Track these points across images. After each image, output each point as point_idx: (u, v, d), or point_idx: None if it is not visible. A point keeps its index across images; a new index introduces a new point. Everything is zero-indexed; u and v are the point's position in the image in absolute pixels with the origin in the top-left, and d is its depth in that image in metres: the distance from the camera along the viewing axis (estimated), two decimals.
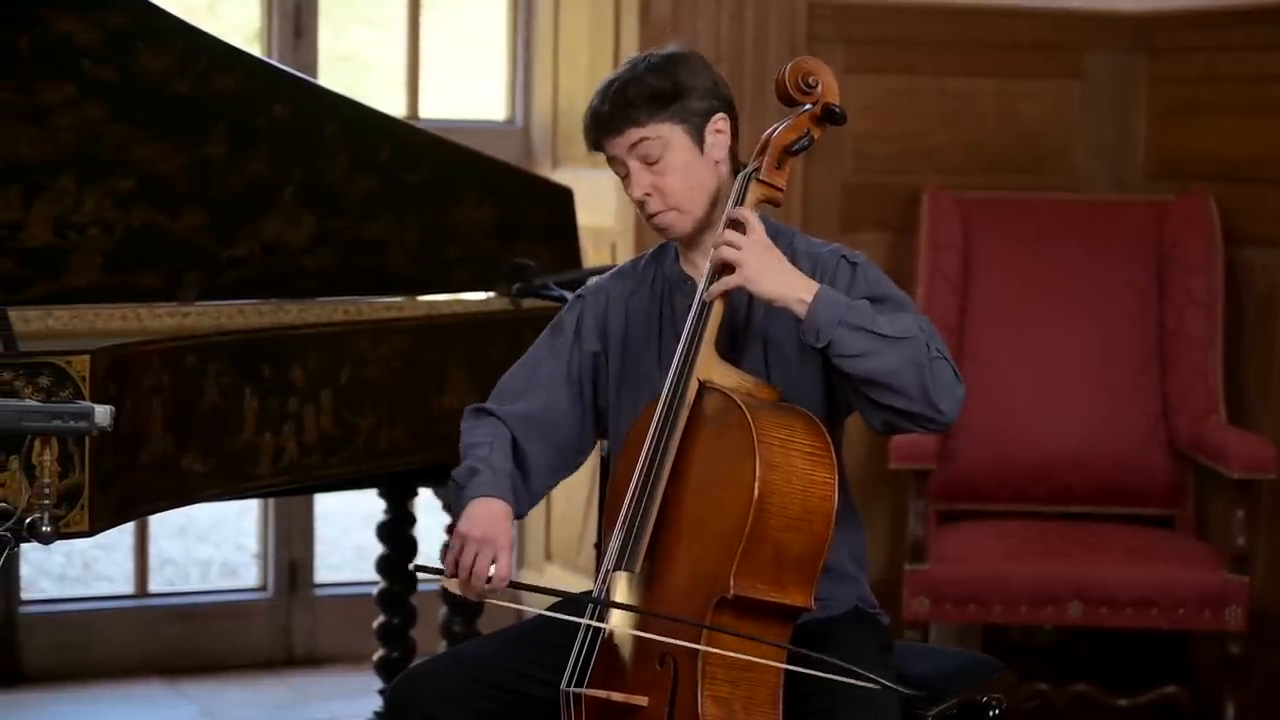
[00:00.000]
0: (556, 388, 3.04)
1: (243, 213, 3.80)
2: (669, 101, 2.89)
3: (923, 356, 2.77)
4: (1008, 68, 5.16)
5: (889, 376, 2.76)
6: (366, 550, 7.16)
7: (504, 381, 3.09)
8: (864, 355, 2.76)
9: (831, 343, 2.76)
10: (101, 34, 3.41)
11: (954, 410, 2.81)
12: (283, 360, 3.48)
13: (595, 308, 3.07)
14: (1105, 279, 4.88)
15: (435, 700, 2.86)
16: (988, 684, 3.10)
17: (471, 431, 3.02)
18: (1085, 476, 4.81)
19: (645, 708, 2.76)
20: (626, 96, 2.88)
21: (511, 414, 3.02)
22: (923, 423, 2.81)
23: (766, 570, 2.74)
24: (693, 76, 2.92)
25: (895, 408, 2.79)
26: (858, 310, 2.79)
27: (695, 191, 2.92)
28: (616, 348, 3.05)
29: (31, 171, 3.49)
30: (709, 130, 2.92)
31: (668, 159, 2.90)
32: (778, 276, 2.81)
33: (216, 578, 6.75)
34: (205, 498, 3.38)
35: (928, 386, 2.77)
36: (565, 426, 3.04)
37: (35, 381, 2.93)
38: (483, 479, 2.91)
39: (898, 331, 2.78)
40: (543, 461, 3.02)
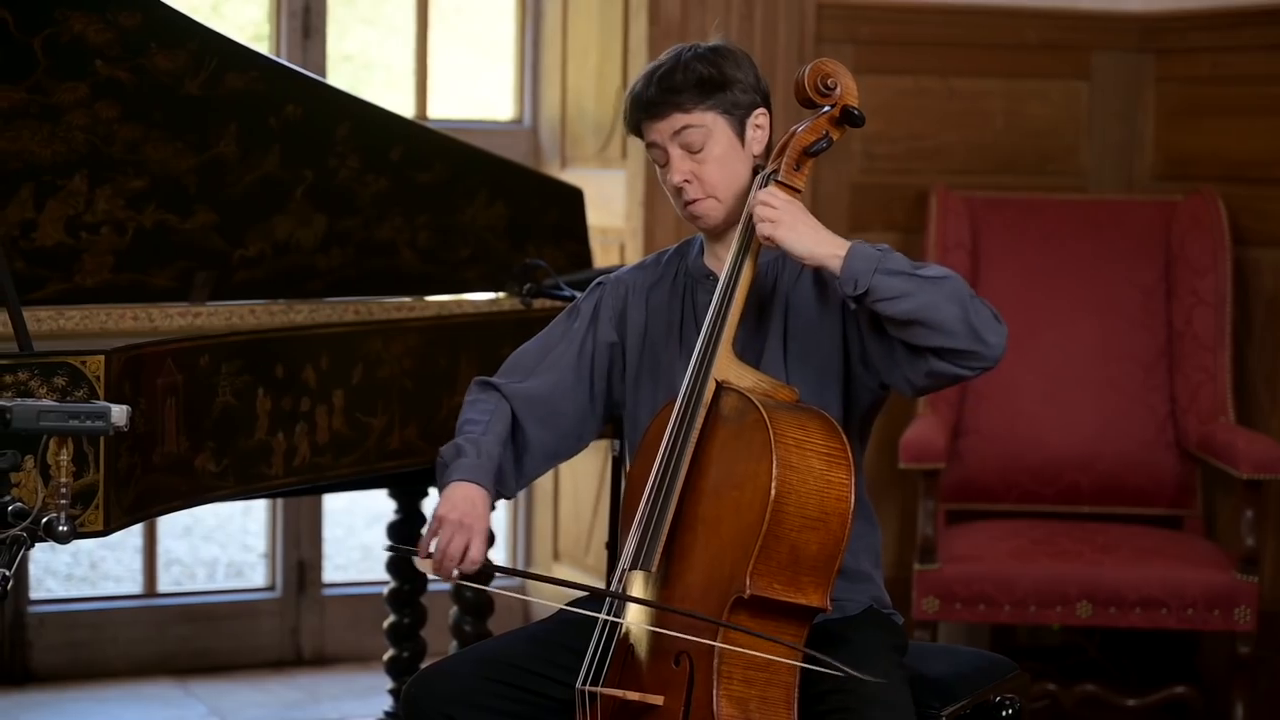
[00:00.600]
0: (566, 371, 3.05)
1: (254, 213, 3.80)
2: (715, 90, 2.90)
3: (964, 291, 2.76)
4: (1015, 68, 5.16)
5: (931, 312, 2.73)
6: (372, 550, 7.19)
7: (514, 358, 3.09)
8: (904, 296, 2.74)
9: (870, 289, 2.75)
10: (115, 34, 3.40)
11: (1000, 343, 2.77)
12: (295, 360, 3.48)
13: (615, 298, 3.08)
14: (1113, 279, 4.88)
15: (451, 699, 2.87)
16: (1001, 684, 3.11)
17: (472, 406, 3.02)
18: (1093, 476, 4.81)
19: (661, 707, 2.77)
20: (673, 82, 2.90)
21: (517, 392, 3.02)
22: (969, 360, 2.76)
23: (783, 571, 2.75)
24: (738, 69, 2.93)
25: (941, 347, 2.75)
26: (893, 257, 2.78)
27: (732, 182, 2.94)
28: (635, 340, 3.06)
29: (44, 171, 3.49)
30: (750, 124, 2.94)
31: (709, 147, 2.91)
32: (811, 234, 2.82)
33: (223, 578, 6.75)
34: (218, 498, 3.38)
35: (971, 320, 2.74)
36: (569, 411, 3.05)
37: (50, 381, 2.93)
38: (467, 461, 2.91)
39: (934, 272, 2.77)
40: (541, 444, 3.03)
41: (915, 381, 2.82)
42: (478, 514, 2.86)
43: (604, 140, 5.05)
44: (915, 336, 2.76)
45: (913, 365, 2.80)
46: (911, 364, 2.80)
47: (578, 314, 3.09)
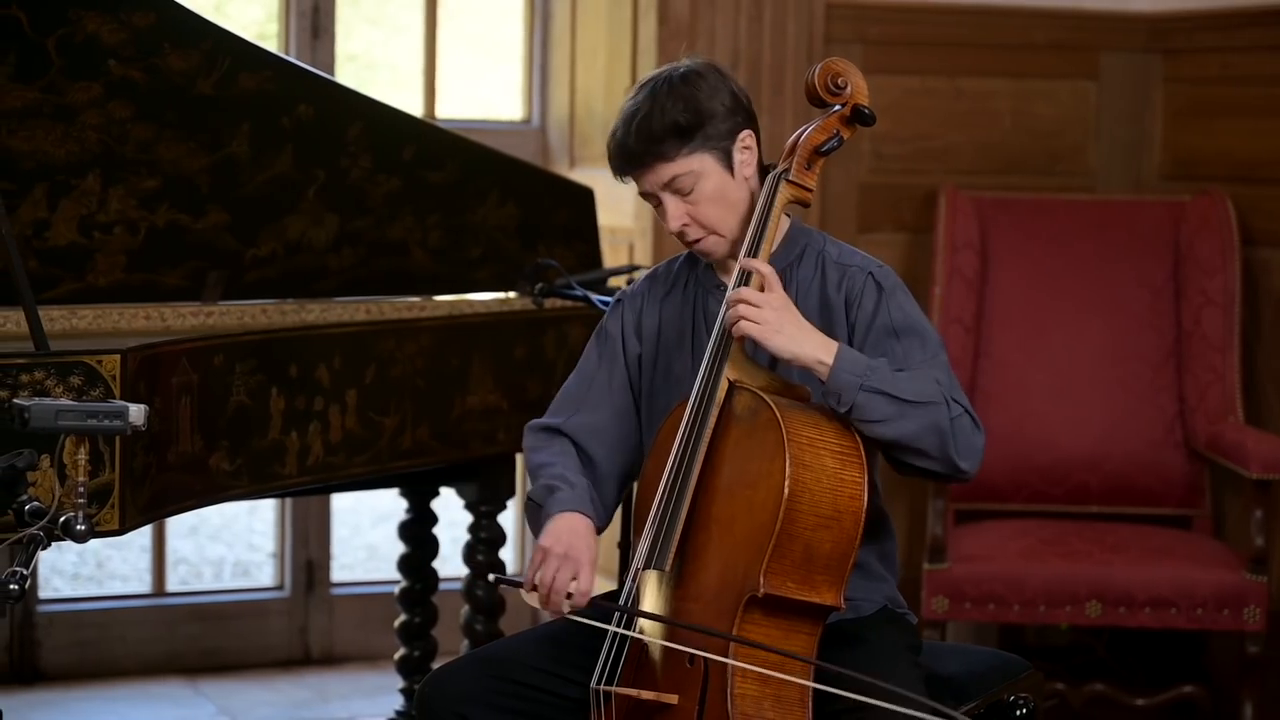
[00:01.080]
0: (615, 393, 3.06)
1: (266, 212, 3.81)
2: (694, 132, 2.89)
3: (943, 419, 2.80)
4: (1023, 68, 5.17)
5: (911, 440, 2.81)
6: (378, 550, 7.19)
7: (561, 395, 3.10)
8: (886, 421, 2.79)
9: (854, 407, 2.78)
10: (129, 34, 3.41)
11: (975, 466, 2.86)
12: (309, 360, 3.49)
13: (633, 310, 3.09)
14: (1122, 279, 4.89)
15: (464, 699, 2.88)
16: (1015, 683, 3.11)
17: (539, 451, 3.03)
18: (1102, 476, 4.81)
19: (675, 706, 2.77)
20: (651, 132, 2.88)
21: (574, 427, 3.04)
22: (944, 479, 2.89)
23: (797, 569, 2.75)
24: (712, 98, 2.91)
25: (917, 466, 2.84)
26: (878, 372, 2.80)
27: (730, 213, 2.94)
28: (650, 347, 3.07)
29: (58, 171, 3.50)
30: (736, 149, 2.93)
31: (701, 187, 2.91)
32: (797, 335, 2.81)
33: (229, 577, 6.75)
34: (232, 497, 3.39)
35: (948, 448, 2.82)
36: (627, 431, 3.07)
37: (66, 381, 2.94)
38: (562, 495, 2.92)
39: (919, 395, 2.80)
40: (610, 467, 3.05)
41: (897, 472, 2.90)
42: (582, 545, 2.86)
43: None
44: (894, 452, 2.83)
45: (893, 463, 2.88)
46: (893, 462, 2.87)
47: (606, 336, 3.11)
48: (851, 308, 2.94)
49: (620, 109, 2.95)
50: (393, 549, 7.16)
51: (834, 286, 2.96)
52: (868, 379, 2.78)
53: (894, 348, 2.89)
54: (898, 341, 2.90)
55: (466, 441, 3.80)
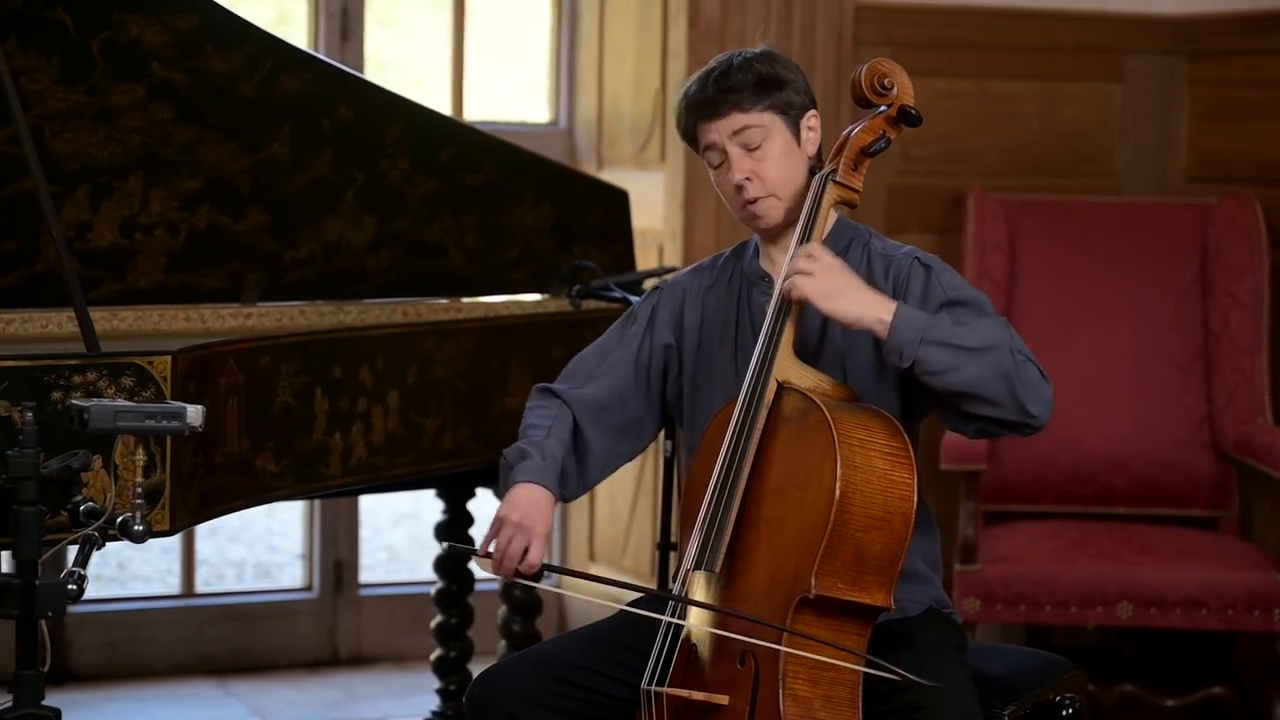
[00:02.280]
0: (624, 375, 3.07)
1: (305, 214, 3.82)
2: (772, 90, 2.94)
3: (1008, 363, 2.79)
4: (1049, 71, 5.18)
5: (978, 387, 2.79)
6: (398, 550, 7.21)
7: (574, 364, 3.12)
8: (950, 370, 2.78)
9: (916, 361, 2.79)
10: (172, 36, 3.42)
11: (1046, 412, 2.83)
12: (352, 361, 3.51)
13: (671, 300, 3.10)
14: (1149, 281, 4.90)
15: (514, 699, 2.89)
16: (1059, 683, 3.13)
17: (534, 411, 3.05)
18: (1129, 478, 4.82)
19: (726, 706, 2.78)
20: (731, 82, 2.93)
21: (577, 397, 3.05)
22: (1015, 428, 2.84)
23: (847, 570, 2.76)
24: (789, 71, 2.98)
25: (987, 416, 2.82)
26: (938, 325, 2.81)
27: (791, 181, 2.96)
28: (691, 342, 3.08)
29: (100, 173, 3.51)
30: (804, 125, 2.97)
31: (768, 146, 2.94)
32: (855, 297, 2.83)
33: (251, 578, 6.76)
34: (277, 498, 3.41)
35: (1017, 392, 2.79)
36: (630, 414, 3.07)
37: (118, 382, 2.94)
38: (531, 464, 2.94)
39: (980, 341, 2.80)
40: (602, 447, 3.06)
41: (966, 434, 2.89)
42: (539, 516, 2.89)
43: (642, 142, 5.07)
44: (962, 404, 2.82)
45: (962, 423, 2.87)
46: (962, 422, 2.87)
47: (634, 318, 3.12)
48: (900, 292, 2.94)
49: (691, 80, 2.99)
50: (411, 550, 7.26)
51: (880, 275, 2.98)
52: (928, 333, 2.79)
53: (951, 317, 2.88)
54: (952, 312, 2.89)
55: (505, 442, 3.75)
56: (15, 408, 2.84)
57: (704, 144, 2.99)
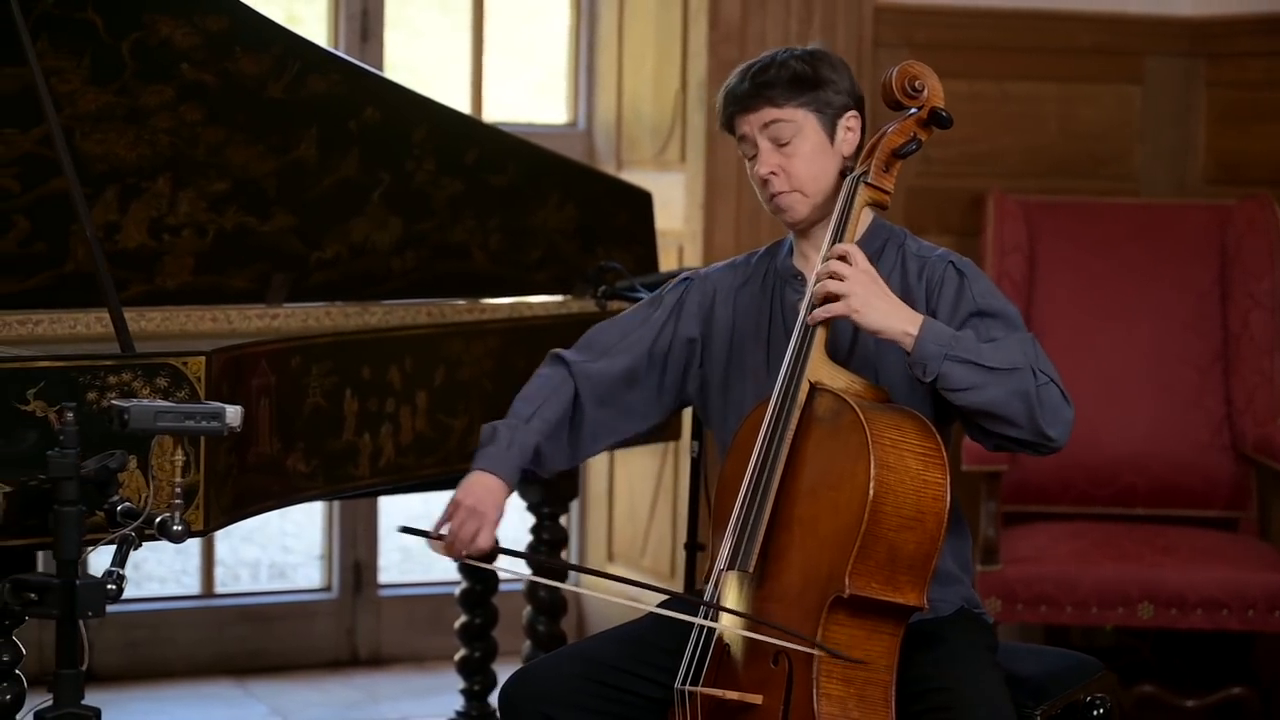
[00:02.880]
0: (639, 356, 3.09)
1: (332, 215, 3.83)
2: (808, 88, 2.95)
3: (1029, 385, 2.82)
4: (1068, 73, 5.19)
5: (998, 408, 2.82)
6: (411, 552, 7.21)
7: (591, 334, 3.13)
8: (972, 389, 2.81)
9: (939, 376, 2.81)
10: (201, 38, 3.43)
11: (1064, 435, 2.87)
12: (381, 362, 3.52)
13: (701, 294, 3.11)
14: (1168, 282, 4.91)
15: (548, 699, 2.89)
16: (1090, 683, 3.14)
17: (535, 379, 3.08)
18: (1148, 479, 4.83)
19: (760, 706, 2.79)
20: (767, 77, 2.95)
21: (586, 371, 3.07)
22: (1033, 448, 2.88)
23: (881, 570, 2.77)
24: (833, 71, 2.99)
25: (1006, 435, 2.85)
26: (963, 342, 2.82)
27: (819, 179, 2.97)
28: (721, 339, 3.09)
29: (129, 174, 3.52)
30: (841, 125, 2.98)
31: (797, 142, 2.96)
32: (884, 307, 2.84)
33: (266, 579, 6.77)
34: (307, 498, 3.41)
35: (1036, 415, 2.83)
36: (636, 397, 3.09)
37: (153, 382, 2.95)
38: (493, 450, 2.97)
39: (1004, 362, 2.82)
40: (600, 423, 3.08)
41: (986, 447, 2.92)
42: (491, 501, 2.93)
43: (662, 143, 5.08)
44: (981, 421, 2.85)
45: (982, 436, 2.89)
46: (981, 435, 2.89)
47: (660, 303, 3.13)
48: (933, 295, 2.97)
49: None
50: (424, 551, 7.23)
51: (914, 276, 2.99)
52: (952, 348, 2.80)
53: (978, 328, 2.91)
54: (981, 322, 2.91)
55: None
56: (51, 408, 2.86)
57: (738, 135, 3.01)
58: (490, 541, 2.93)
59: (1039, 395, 2.82)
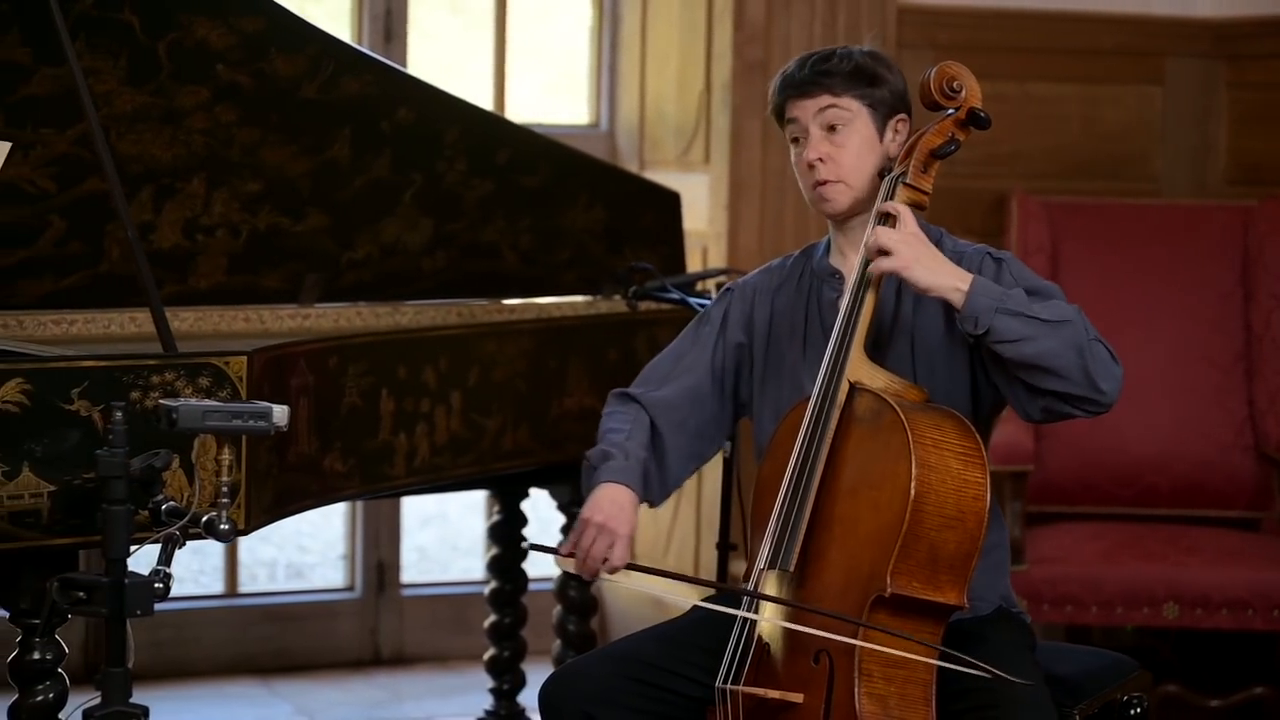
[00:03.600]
0: (700, 376, 3.10)
1: (364, 215, 3.83)
2: (866, 83, 2.98)
3: (1081, 338, 2.81)
4: (1090, 74, 5.21)
5: (1049, 359, 2.80)
6: (427, 551, 7.22)
7: (649, 368, 3.15)
8: (1023, 340, 2.80)
9: (990, 329, 2.80)
10: (237, 38, 3.44)
11: (1115, 390, 2.84)
12: (417, 362, 3.52)
13: (742, 301, 3.13)
14: (1190, 283, 4.92)
15: (589, 698, 2.90)
16: (1125, 683, 3.15)
17: (612, 416, 3.08)
18: (1171, 479, 4.84)
19: (801, 705, 2.80)
20: (828, 66, 2.98)
21: (654, 400, 3.08)
22: (1084, 405, 2.84)
23: (922, 569, 2.78)
24: (890, 72, 3.02)
25: (1056, 391, 2.82)
26: (1013, 297, 2.83)
27: (863, 172, 2.99)
28: (761, 340, 3.10)
29: (164, 174, 3.53)
30: (891, 125, 3.00)
31: (848, 133, 2.98)
32: (933, 265, 2.86)
33: (283, 578, 6.78)
34: (344, 497, 3.43)
35: (1088, 367, 2.81)
36: (705, 414, 3.10)
37: (195, 382, 2.96)
38: (614, 464, 2.97)
39: (1055, 315, 2.82)
40: (680, 449, 3.08)
41: (1032, 415, 2.89)
42: (623, 517, 2.92)
43: (686, 144, 5.09)
44: (1032, 378, 2.83)
45: (1030, 401, 2.87)
46: (1029, 399, 2.87)
47: (708, 320, 3.15)
48: None
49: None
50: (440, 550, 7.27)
51: None
52: (1003, 302, 2.81)
53: None
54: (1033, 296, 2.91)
55: (563, 443, 3.83)
56: (95, 407, 2.87)
57: (788, 118, 3.02)
58: (624, 558, 2.92)
59: (1090, 349, 2.81)
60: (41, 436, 2.83)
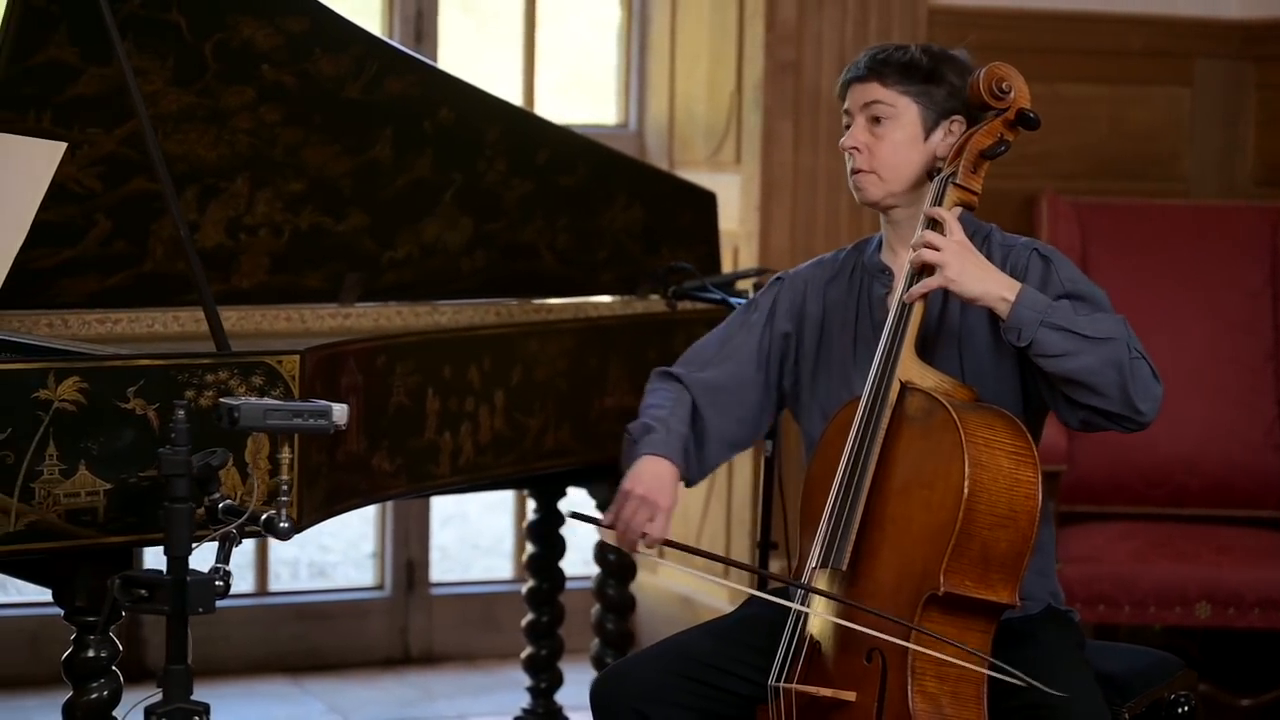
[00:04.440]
0: (745, 361, 3.11)
1: (405, 215, 3.84)
2: (919, 79, 2.99)
3: (1123, 356, 2.83)
4: (1119, 74, 5.22)
5: (1089, 376, 2.82)
6: (448, 551, 7.23)
7: (694, 349, 3.16)
8: (1065, 355, 2.82)
9: (1033, 342, 2.82)
10: (283, 39, 3.44)
11: (1153, 410, 2.87)
12: (462, 361, 3.53)
13: (793, 291, 3.14)
14: (1219, 283, 4.93)
15: (642, 695, 2.91)
16: (1172, 681, 3.15)
17: (654, 392, 3.09)
18: (1201, 479, 4.85)
19: (854, 703, 2.81)
20: (885, 59, 3.00)
21: (697, 381, 3.09)
22: (1121, 421, 2.87)
23: (974, 568, 2.79)
24: (954, 74, 3.01)
25: (1094, 407, 2.85)
26: (1059, 310, 2.84)
27: (901, 168, 3.00)
28: (811, 333, 3.11)
29: (208, 174, 3.54)
30: (944, 125, 3.00)
31: (891, 127, 2.99)
32: (979, 274, 2.87)
33: (306, 577, 6.79)
34: (390, 496, 3.44)
35: (1128, 386, 2.83)
36: (748, 400, 3.11)
37: (249, 381, 2.97)
38: (656, 437, 2.98)
39: (1098, 332, 2.83)
40: (720, 432, 3.09)
41: (1071, 424, 2.91)
42: (663, 489, 2.94)
43: (717, 144, 5.10)
44: (1071, 392, 2.85)
45: (1070, 411, 2.89)
46: (1069, 410, 2.89)
47: (756, 307, 3.16)
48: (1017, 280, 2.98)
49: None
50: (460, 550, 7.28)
51: (999, 265, 3.00)
52: (1048, 315, 2.82)
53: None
54: (1070, 305, 2.92)
55: (603, 442, 3.84)
56: (150, 406, 2.88)
57: (845, 105, 3.04)
58: (664, 530, 2.92)
59: (1131, 368, 2.83)
60: (98, 435, 2.84)
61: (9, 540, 2.79)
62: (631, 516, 2.92)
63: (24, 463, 2.78)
